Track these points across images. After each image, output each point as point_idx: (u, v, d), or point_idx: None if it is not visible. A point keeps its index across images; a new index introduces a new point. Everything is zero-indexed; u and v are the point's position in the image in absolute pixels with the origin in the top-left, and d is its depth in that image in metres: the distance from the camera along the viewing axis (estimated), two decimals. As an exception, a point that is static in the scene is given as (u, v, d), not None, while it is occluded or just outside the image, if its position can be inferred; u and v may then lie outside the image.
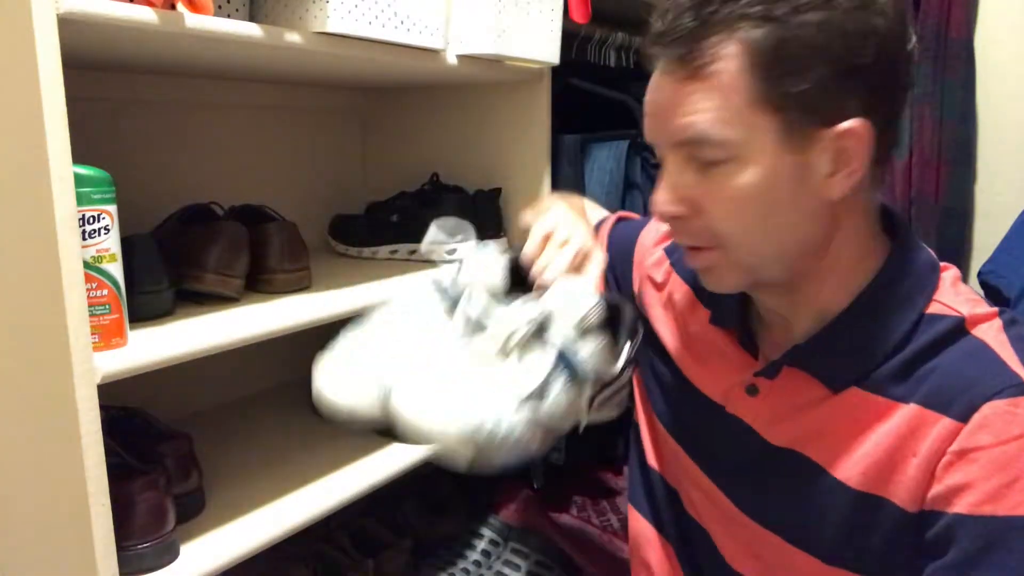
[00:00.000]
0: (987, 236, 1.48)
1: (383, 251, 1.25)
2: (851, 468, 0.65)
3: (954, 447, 0.59)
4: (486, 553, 1.27)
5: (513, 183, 1.30)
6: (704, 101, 0.58)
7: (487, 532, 1.30)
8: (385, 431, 0.75)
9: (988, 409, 0.58)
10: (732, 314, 0.75)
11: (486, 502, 1.35)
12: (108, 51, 0.84)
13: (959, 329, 0.63)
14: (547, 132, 1.27)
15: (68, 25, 0.62)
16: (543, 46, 1.14)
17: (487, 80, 1.25)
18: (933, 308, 0.65)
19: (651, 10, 0.63)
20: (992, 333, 0.63)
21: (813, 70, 0.56)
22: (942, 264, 0.69)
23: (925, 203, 1.44)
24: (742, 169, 0.59)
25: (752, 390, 0.72)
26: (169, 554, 0.78)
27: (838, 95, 0.58)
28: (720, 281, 0.67)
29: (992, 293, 1.40)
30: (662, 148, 0.64)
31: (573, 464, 1.35)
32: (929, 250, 0.69)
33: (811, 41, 0.56)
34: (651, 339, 0.83)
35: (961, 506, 0.58)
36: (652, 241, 0.88)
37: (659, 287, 0.85)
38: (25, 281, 0.68)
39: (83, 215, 0.67)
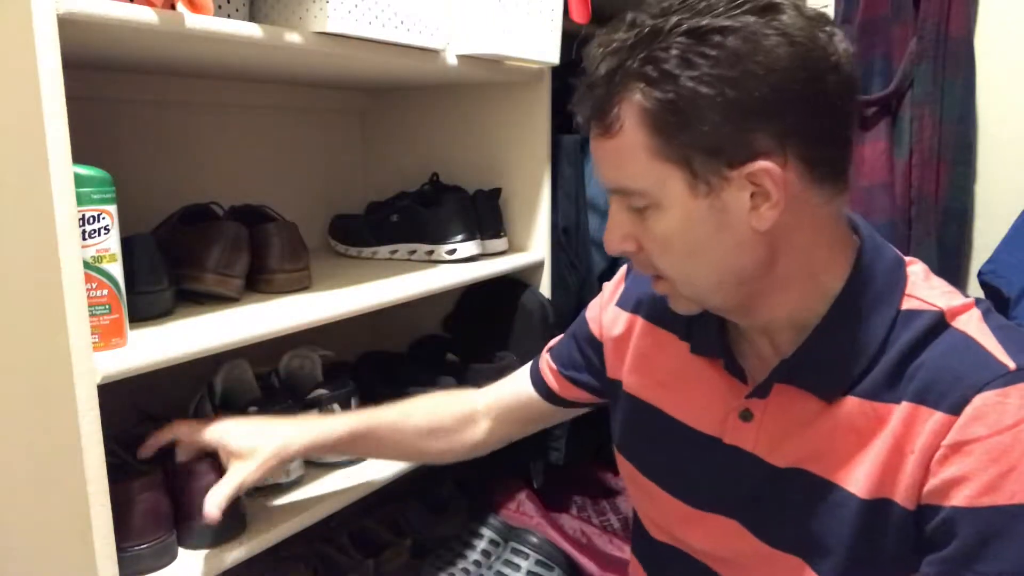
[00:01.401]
0: (987, 236, 1.48)
1: (383, 251, 1.25)
2: (857, 477, 0.65)
3: (948, 440, 0.59)
4: (486, 553, 1.27)
5: (513, 183, 1.30)
6: (616, 157, 0.64)
7: (487, 532, 1.29)
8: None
9: (979, 401, 0.59)
10: (714, 341, 0.75)
11: (486, 502, 1.35)
12: (108, 51, 0.84)
13: (940, 323, 0.64)
14: (547, 132, 1.27)
15: (68, 25, 0.62)
16: (543, 46, 1.14)
17: (487, 80, 1.25)
18: (908, 304, 0.65)
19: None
20: (973, 324, 0.63)
21: (705, 121, 0.59)
22: (907, 259, 0.70)
23: (925, 203, 1.44)
24: (663, 214, 0.63)
25: (746, 415, 0.72)
26: (168, 555, 0.78)
27: (739, 137, 0.59)
28: (677, 306, 0.71)
29: (992, 293, 1.39)
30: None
31: (573, 464, 1.35)
32: (893, 248, 0.70)
33: (699, 94, 0.58)
34: (628, 403, 0.84)
35: (959, 499, 0.59)
36: (599, 307, 0.90)
37: (623, 341, 0.85)
38: (25, 281, 0.68)
39: (83, 215, 0.67)
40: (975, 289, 1.46)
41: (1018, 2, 1.44)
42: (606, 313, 0.88)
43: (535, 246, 1.30)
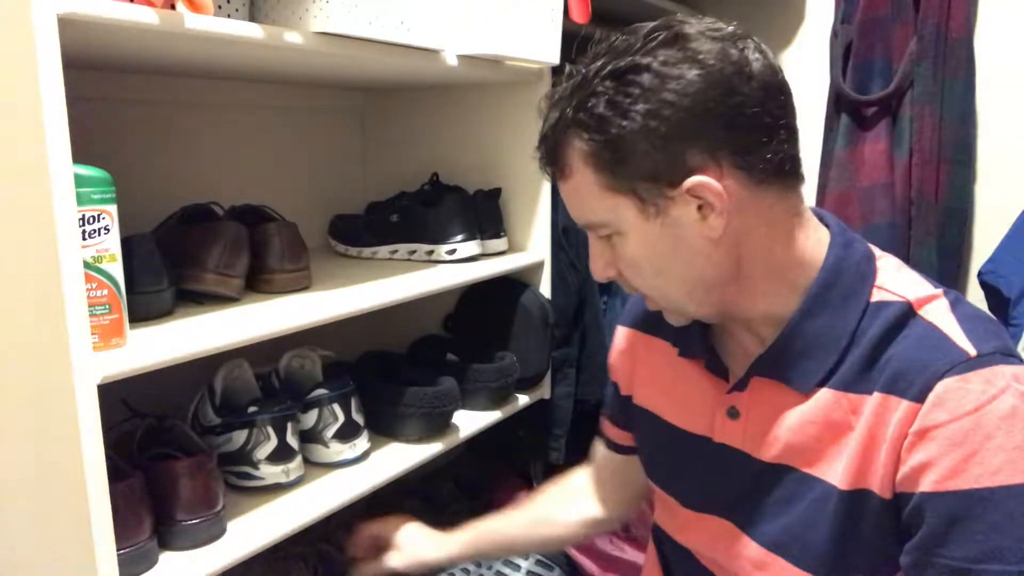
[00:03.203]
0: (987, 236, 1.48)
1: (383, 251, 1.25)
2: (836, 470, 0.66)
3: (914, 427, 0.61)
4: (486, 553, 1.27)
5: (513, 183, 1.30)
6: (576, 196, 0.70)
7: (487, 532, 1.29)
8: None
9: (941, 387, 0.60)
10: (697, 343, 0.78)
11: (486, 502, 1.35)
12: (108, 51, 0.84)
13: (908, 313, 0.66)
14: (547, 132, 1.26)
15: (68, 25, 0.62)
16: (543, 46, 1.14)
17: (487, 80, 1.25)
18: (878, 295, 0.68)
19: (651, 10, 0.64)
20: (940, 314, 0.65)
21: (637, 152, 0.64)
22: (878, 253, 0.72)
23: (925, 203, 1.44)
24: (625, 239, 0.69)
25: (733, 413, 0.74)
26: (146, 561, 0.77)
27: (671, 160, 0.64)
28: (669, 318, 0.75)
29: (992, 293, 1.40)
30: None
31: (573, 463, 1.35)
32: (864, 241, 0.73)
33: (628, 130, 0.63)
34: (638, 414, 0.87)
35: (925, 485, 0.60)
36: (617, 349, 0.93)
37: (628, 357, 0.89)
38: (25, 281, 0.68)
39: (83, 215, 0.67)
40: (975, 289, 1.46)
41: (1018, 2, 1.44)
42: (616, 338, 0.92)
43: (535, 246, 1.30)
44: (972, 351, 0.61)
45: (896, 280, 0.69)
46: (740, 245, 0.67)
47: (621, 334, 0.91)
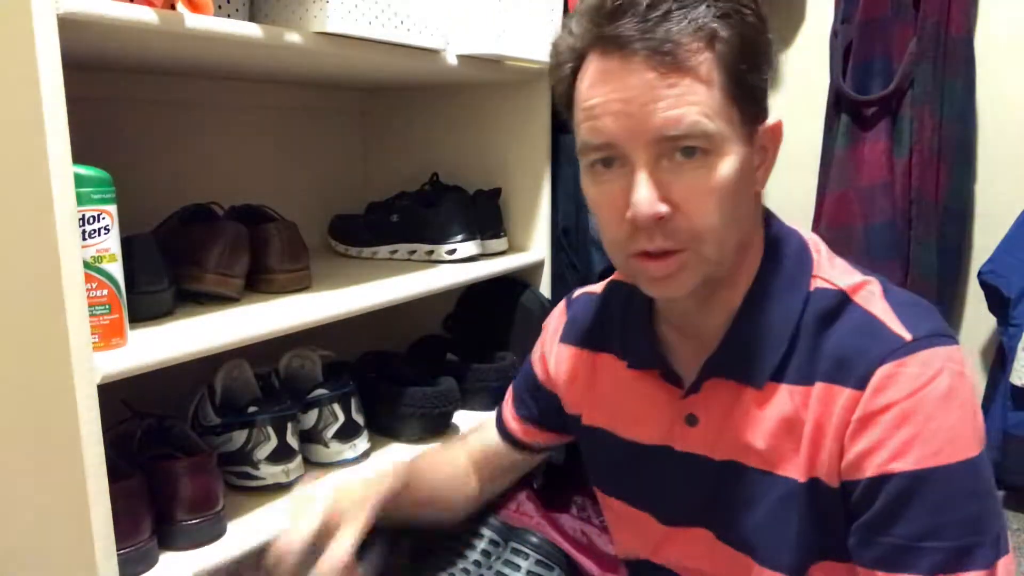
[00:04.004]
0: (987, 236, 1.48)
1: (383, 251, 1.25)
2: (791, 462, 0.66)
3: (856, 414, 0.61)
4: (486, 553, 1.27)
5: (513, 183, 1.30)
6: (690, 95, 0.58)
7: (487, 532, 1.29)
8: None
9: (881, 372, 0.61)
10: (647, 353, 0.75)
11: (486, 502, 1.35)
12: (108, 51, 0.84)
13: (844, 301, 0.65)
14: (547, 132, 1.27)
15: (68, 25, 0.62)
16: (543, 46, 1.14)
17: (487, 80, 1.25)
18: (816, 284, 0.67)
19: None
20: (874, 300, 0.65)
21: (762, 68, 0.62)
22: (806, 236, 0.72)
23: (925, 203, 1.44)
24: (720, 161, 0.60)
25: (691, 420, 0.72)
26: (146, 561, 0.77)
27: (766, 93, 0.63)
28: (682, 285, 0.64)
29: (992, 293, 1.40)
30: (632, 148, 0.60)
31: (573, 464, 1.35)
32: (796, 230, 0.72)
33: (760, 40, 0.61)
34: (587, 434, 0.83)
35: (871, 469, 0.60)
36: (541, 349, 0.89)
37: (574, 375, 0.84)
38: (25, 281, 0.68)
39: (83, 215, 0.67)
40: (975, 289, 1.46)
41: (1018, 2, 1.44)
42: (550, 352, 0.87)
43: (535, 246, 1.30)
44: (907, 335, 0.62)
45: (829, 268, 0.68)
46: (756, 214, 0.67)
47: (564, 352, 0.85)
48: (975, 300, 1.49)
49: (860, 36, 1.46)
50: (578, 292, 0.89)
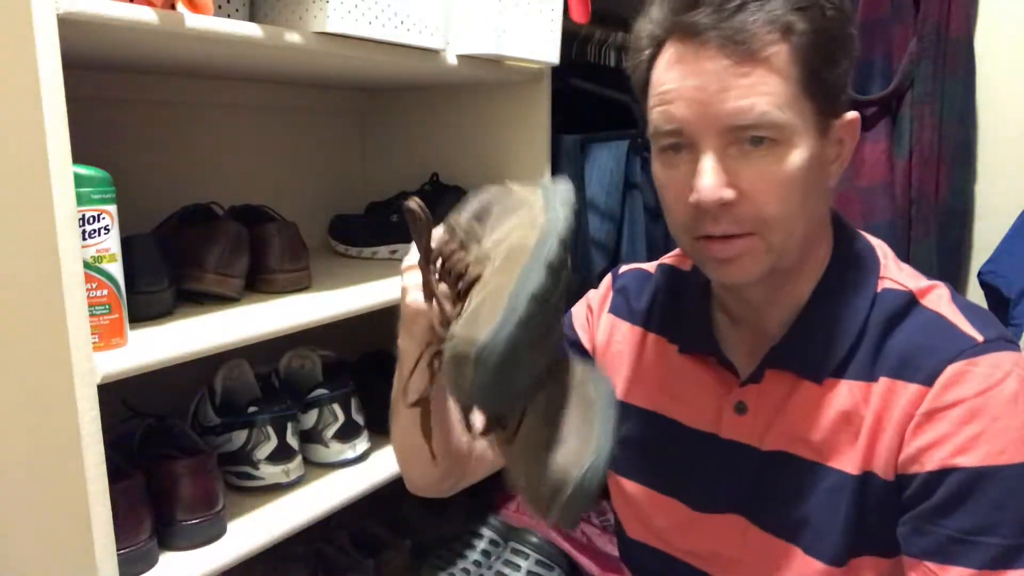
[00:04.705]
0: (987, 236, 1.47)
1: (383, 251, 1.25)
2: (847, 457, 0.66)
3: (922, 409, 0.62)
4: (486, 553, 1.27)
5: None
6: (762, 85, 0.60)
7: (487, 532, 1.30)
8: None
9: (951, 370, 0.62)
10: (702, 338, 0.75)
11: (486, 502, 1.35)
12: (108, 51, 0.84)
13: (912, 302, 0.67)
14: (547, 132, 1.27)
15: (68, 25, 0.62)
16: (543, 46, 1.14)
17: (487, 80, 1.25)
18: (884, 285, 0.68)
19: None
20: (943, 303, 0.67)
21: (839, 62, 0.62)
22: (872, 240, 0.73)
23: (925, 203, 1.44)
24: (789, 152, 0.61)
25: (740, 408, 0.72)
26: (146, 561, 0.77)
27: (845, 88, 0.64)
28: (746, 270, 0.65)
29: (992, 293, 1.39)
30: (701, 134, 0.62)
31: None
32: (863, 233, 0.73)
33: (839, 34, 0.62)
34: (636, 415, 0.81)
35: (932, 463, 0.61)
36: (586, 312, 0.86)
37: (620, 352, 0.82)
38: (25, 281, 0.68)
39: (83, 215, 0.67)
40: (975, 289, 1.46)
41: (1018, 2, 1.44)
42: (598, 321, 0.85)
43: (535, 246, 1.30)
44: (979, 337, 0.63)
45: (896, 271, 0.70)
46: (826, 208, 0.68)
47: (614, 324, 0.83)
48: (975, 300, 1.48)
49: (860, 36, 1.46)
50: (624, 268, 0.87)
